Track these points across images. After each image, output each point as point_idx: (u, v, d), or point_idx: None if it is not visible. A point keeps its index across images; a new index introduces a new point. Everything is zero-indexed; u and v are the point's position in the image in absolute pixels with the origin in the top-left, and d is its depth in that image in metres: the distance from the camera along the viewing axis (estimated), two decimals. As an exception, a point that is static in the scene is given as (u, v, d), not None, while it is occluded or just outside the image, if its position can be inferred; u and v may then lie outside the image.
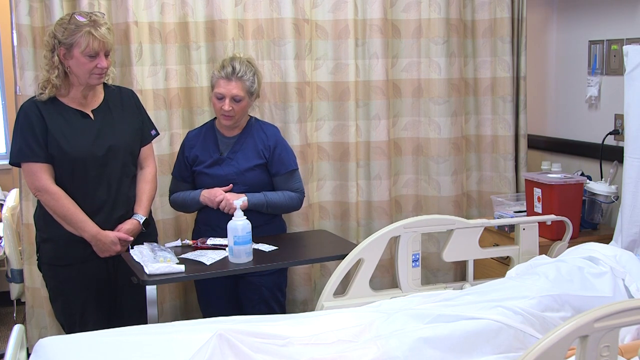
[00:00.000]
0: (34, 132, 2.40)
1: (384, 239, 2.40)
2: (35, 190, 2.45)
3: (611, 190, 2.92)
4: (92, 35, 2.34)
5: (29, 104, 2.45)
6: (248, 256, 2.43)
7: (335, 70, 3.18)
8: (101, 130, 2.49)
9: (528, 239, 2.59)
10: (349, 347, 1.86)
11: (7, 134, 4.50)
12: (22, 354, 1.92)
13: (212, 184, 2.72)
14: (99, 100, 2.53)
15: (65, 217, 2.44)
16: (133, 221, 2.56)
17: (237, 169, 2.73)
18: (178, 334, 2.05)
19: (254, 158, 2.74)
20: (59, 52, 2.38)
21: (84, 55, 2.36)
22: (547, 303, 2.02)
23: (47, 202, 2.44)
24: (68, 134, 2.43)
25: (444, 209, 3.32)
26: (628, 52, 2.62)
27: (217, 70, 2.70)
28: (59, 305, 2.56)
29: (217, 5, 2.98)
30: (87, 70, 2.39)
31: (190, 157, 2.77)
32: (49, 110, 2.43)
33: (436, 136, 3.32)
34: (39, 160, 2.41)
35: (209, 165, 2.74)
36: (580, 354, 1.38)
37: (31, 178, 2.44)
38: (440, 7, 3.23)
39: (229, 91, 2.64)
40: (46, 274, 2.58)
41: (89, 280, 2.52)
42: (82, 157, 2.44)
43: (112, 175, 2.51)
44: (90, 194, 2.48)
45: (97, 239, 2.47)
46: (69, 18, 2.38)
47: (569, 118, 3.46)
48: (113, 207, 2.52)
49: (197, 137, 2.80)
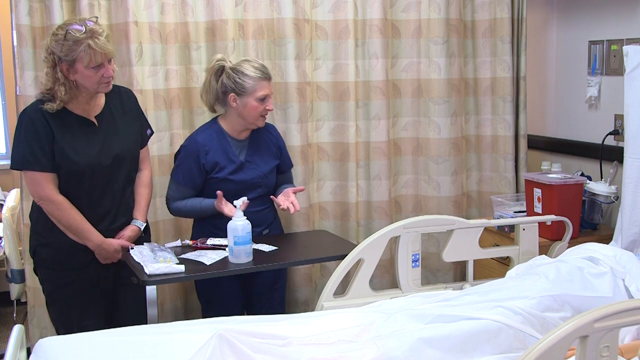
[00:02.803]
0: (39, 140, 2.36)
1: (384, 239, 2.40)
2: (39, 199, 2.42)
3: (611, 190, 2.92)
4: (92, 49, 2.29)
5: (34, 110, 2.39)
6: (248, 256, 2.43)
7: (335, 71, 3.18)
8: (106, 138, 2.48)
9: (528, 239, 2.60)
10: (349, 347, 1.86)
11: (7, 134, 4.50)
12: (22, 354, 1.91)
13: (234, 190, 2.66)
14: (101, 104, 2.51)
15: (70, 227, 2.43)
16: (133, 227, 2.56)
17: (260, 172, 2.74)
18: (178, 334, 2.05)
19: (271, 159, 2.79)
20: (61, 68, 2.33)
21: (88, 69, 2.33)
22: (547, 303, 2.02)
23: (51, 212, 2.42)
24: (75, 144, 2.40)
25: (443, 209, 3.32)
26: (628, 52, 2.62)
27: (250, 73, 2.65)
28: (56, 309, 2.54)
29: (217, 6, 2.98)
30: (94, 81, 2.37)
31: (208, 163, 2.68)
32: (55, 119, 2.38)
33: (436, 136, 3.32)
34: (44, 170, 2.37)
35: (233, 172, 2.70)
36: (580, 354, 1.38)
37: (35, 187, 2.40)
38: (440, 7, 3.23)
39: (271, 90, 2.71)
40: (43, 278, 2.55)
41: (88, 285, 2.51)
42: (89, 167, 2.42)
43: (117, 183, 2.51)
44: (95, 202, 2.47)
45: (101, 248, 2.47)
46: (64, 33, 2.30)
47: (569, 118, 3.46)
48: (116, 214, 2.53)
49: (210, 142, 2.71)
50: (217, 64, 2.72)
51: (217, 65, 2.71)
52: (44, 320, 2.94)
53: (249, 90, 2.65)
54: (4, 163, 4.42)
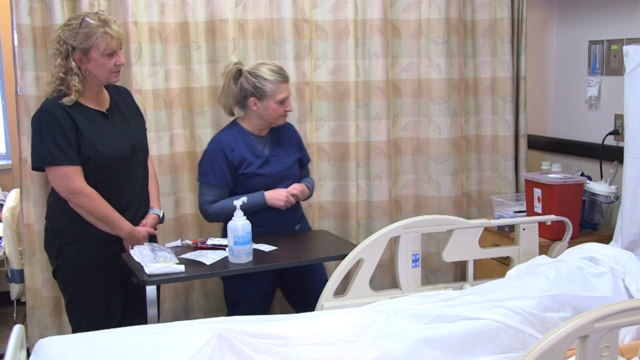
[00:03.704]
0: (64, 134, 2.36)
1: (384, 239, 2.40)
2: (69, 193, 2.41)
3: (611, 190, 2.92)
4: (108, 34, 2.36)
5: (52, 105, 2.39)
6: (248, 256, 2.43)
7: (335, 71, 3.18)
8: (122, 129, 2.53)
9: (528, 239, 2.59)
10: (349, 347, 1.86)
11: (8, 134, 4.50)
12: (22, 354, 1.91)
13: (264, 184, 2.74)
14: (107, 99, 2.55)
15: (103, 218, 2.45)
16: (154, 215, 2.64)
17: (285, 164, 2.81)
18: (178, 334, 2.05)
19: (293, 152, 2.87)
20: (74, 57, 2.36)
21: (103, 56, 2.37)
22: (547, 303, 2.02)
23: (83, 204, 2.42)
24: (98, 135, 2.43)
25: (443, 209, 3.32)
26: (628, 52, 2.62)
27: (269, 77, 2.70)
28: (82, 306, 2.52)
29: (217, 6, 2.98)
30: (108, 69, 2.41)
31: (236, 160, 2.72)
32: (75, 112, 2.40)
33: (436, 136, 3.32)
34: (73, 163, 2.38)
35: (261, 166, 2.75)
36: (580, 354, 1.38)
37: (65, 181, 2.40)
38: (440, 7, 3.23)
39: (289, 92, 2.77)
40: (69, 277, 2.53)
41: (114, 279, 2.53)
42: (114, 157, 2.46)
43: (137, 173, 2.57)
44: (119, 192, 2.50)
45: (132, 236, 2.51)
46: (79, 22, 2.36)
47: (569, 118, 3.46)
48: (139, 204, 2.59)
49: (234, 141, 2.75)
50: (234, 68, 2.76)
51: (235, 69, 2.76)
52: (44, 320, 2.95)
53: (269, 94, 2.71)
54: (4, 163, 4.42)
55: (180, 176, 3.05)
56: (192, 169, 3.07)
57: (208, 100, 3.04)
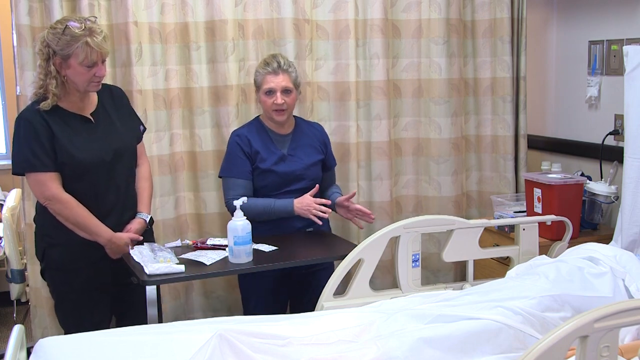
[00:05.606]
0: (40, 141, 2.34)
1: (384, 239, 2.40)
2: (45, 199, 2.40)
3: (611, 190, 2.92)
4: (89, 46, 2.29)
5: (30, 113, 2.37)
6: (248, 256, 2.43)
7: (336, 71, 3.18)
8: (105, 134, 2.48)
9: (528, 239, 2.59)
10: (349, 347, 1.86)
11: (7, 134, 4.50)
12: (22, 354, 1.91)
13: (278, 181, 2.73)
14: (95, 102, 2.51)
15: (79, 224, 2.42)
16: (140, 220, 2.57)
17: (302, 164, 2.78)
18: (178, 334, 2.05)
19: (314, 154, 2.83)
20: (54, 61, 2.32)
21: (82, 66, 2.32)
22: (547, 303, 2.02)
23: (59, 211, 2.40)
24: (76, 141, 2.40)
25: (444, 209, 3.32)
26: (628, 52, 2.62)
27: (260, 68, 2.74)
28: (68, 310, 2.52)
29: (217, 6, 2.98)
30: (86, 79, 2.36)
31: (252, 152, 2.73)
32: (53, 117, 2.37)
33: (436, 136, 3.32)
34: (48, 169, 2.36)
35: (275, 163, 2.74)
36: (580, 354, 1.38)
37: (40, 188, 2.39)
38: (440, 7, 3.23)
39: (278, 84, 2.69)
40: (54, 280, 2.53)
41: (99, 282, 2.50)
42: (92, 163, 2.41)
43: (120, 178, 2.52)
44: (100, 198, 2.46)
45: (111, 242, 2.46)
46: (62, 28, 2.30)
47: (569, 118, 3.46)
48: (122, 210, 2.54)
49: (250, 133, 2.77)
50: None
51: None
52: (46, 320, 2.95)
53: (258, 85, 2.74)
54: (4, 163, 4.42)
55: (179, 176, 3.05)
56: (192, 169, 3.07)
57: (208, 100, 3.04)
